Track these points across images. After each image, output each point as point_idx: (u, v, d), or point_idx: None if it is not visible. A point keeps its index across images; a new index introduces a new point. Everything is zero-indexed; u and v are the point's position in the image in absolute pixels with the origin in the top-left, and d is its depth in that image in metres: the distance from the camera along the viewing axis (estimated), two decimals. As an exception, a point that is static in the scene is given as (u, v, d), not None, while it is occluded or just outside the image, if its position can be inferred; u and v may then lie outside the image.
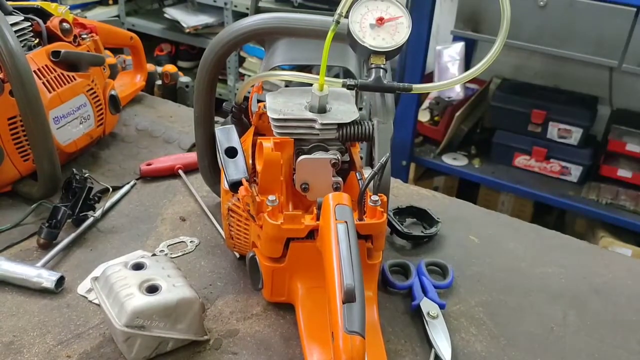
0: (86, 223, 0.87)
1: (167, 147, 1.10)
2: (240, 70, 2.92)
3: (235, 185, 0.70)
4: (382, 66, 0.72)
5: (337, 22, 0.71)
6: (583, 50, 1.93)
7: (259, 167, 0.72)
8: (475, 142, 2.47)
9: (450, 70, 2.56)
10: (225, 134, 0.74)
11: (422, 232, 0.88)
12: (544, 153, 2.28)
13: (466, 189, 2.67)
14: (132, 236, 0.86)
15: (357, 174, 0.74)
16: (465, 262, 0.85)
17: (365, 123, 0.75)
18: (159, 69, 1.47)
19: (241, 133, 0.84)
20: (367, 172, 0.78)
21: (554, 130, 2.25)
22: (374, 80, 0.71)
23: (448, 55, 2.55)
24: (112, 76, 1.32)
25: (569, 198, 2.22)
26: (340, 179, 0.74)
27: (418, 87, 0.74)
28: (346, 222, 0.62)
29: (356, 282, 0.56)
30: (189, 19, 2.90)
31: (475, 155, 2.44)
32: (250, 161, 0.75)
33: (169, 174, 1.01)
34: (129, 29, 3.05)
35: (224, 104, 0.85)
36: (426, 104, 2.54)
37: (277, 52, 0.87)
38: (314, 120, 0.74)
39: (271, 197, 0.68)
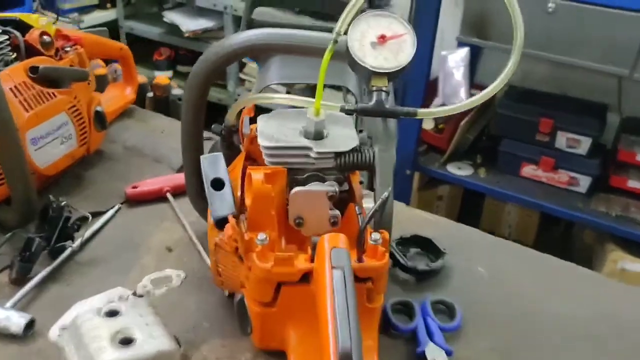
0: (63, 255, 0.80)
1: (156, 166, 1.04)
2: (241, 75, 2.86)
3: (221, 223, 0.63)
4: (383, 89, 0.65)
5: (335, 42, 0.64)
6: (592, 59, 1.86)
7: (248, 201, 0.65)
8: (481, 151, 2.40)
9: (455, 76, 2.50)
10: (211, 163, 0.67)
11: (427, 265, 0.82)
12: (552, 163, 2.21)
13: (471, 198, 2.60)
14: (114, 269, 0.80)
15: (356, 207, 0.67)
16: (473, 299, 0.78)
17: (365, 151, 0.69)
18: (157, 73, 1.41)
19: (231, 158, 0.77)
20: (369, 200, 0.72)
21: (562, 140, 2.18)
22: (375, 104, 0.65)
23: (453, 60, 2.49)
24: (101, 88, 1.26)
25: (577, 210, 2.15)
26: (337, 212, 0.68)
27: (423, 112, 0.67)
28: (343, 269, 0.55)
29: (353, 343, 0.49)
30: (189, 23, 2.84)
31: (481, 165, 2.37)
32: (239, 193, 0.69)
33: (157, 197, 0.95)
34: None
35: (212, 126, 0.79)
36: (430, 111, 2.47)
37: (272, 68, 0.80)
38: (309, 148, 0.67)
39: (261, 236, 0.62)
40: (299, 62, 0.77)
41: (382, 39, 0.66)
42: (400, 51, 0.66)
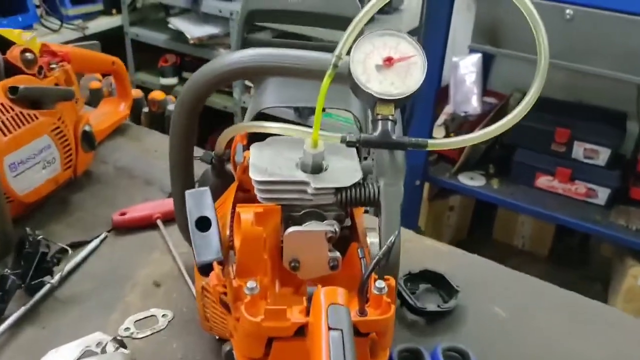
0: (40, 293, 0.74)
1: (147, 190, 0.97)
2: (247, 82, 2.79)
3: (204, 269, 0.56)
4: (389, 117, 0.58)
5: (335, 66, 0.57)
6: (611, 66, 1.78)
7: (237, 243, 0.58)
8: (493, 161, 2.32)
9: (466, 83, 2.42)
10: (196, 200, 0.60)
11: (438, 306, 0.74)
12: (569, 174, 2.13)
13: (483, 208, 2.52)
14: (95, 308, 0.74)
15: (359, 250, 0.60)
16: (489, 346, 0.70)
17: (369, 185, 0.61)
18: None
19: (224, 187, 0.71)
20: (374, 234, 0.65)
21: (579, 150, 2.10)
22: (380, 134, 0.58)
23: (465, 66, 2.41)
24: (96, 102, 1.20)
25: (595, 223, 2.06)
26: (338, 255, 0.60)
27: (434, 143, 0.60)
28: (341, 330, 0.48)
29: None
30: (194, 30, 2.78)
31: (494, 175, 2.29)
32: (228, 232, 0.62)
33: (147, 224, 0.88)
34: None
35: (202, 154, 0.72)
36: (441, 119, 2.39)
37: (268, 90, 0.73)
38: (305, 183, 0.60)
39: (250, 284, 0.54)
40: (298, 83, 0.70)
41: (389, 61, 0.59)
42: (408, 75, 0.59)
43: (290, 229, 0.59)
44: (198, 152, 0.74)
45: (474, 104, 2.39)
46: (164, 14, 3.06)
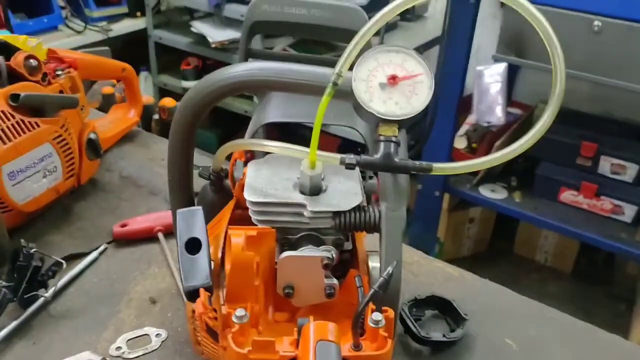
0: (33, 307, 0.72)
1: (151, 200, 0.95)
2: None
3: (191, 295, 0.53)
4: (393, 139, 0.55)
5: (335, 84, 0.54)
6: (640, 79, 1.71)
7: (227, 268, 0.55)
8: (516, 173, 2.25)
9: (491, 92, 2.36)
10: (187, 220, 0.57)
11: (444, 335, 0.70)
12: (594, 189, 2.06)
13: (504, 221, 2.46)
14: (87, 324, 0.71)
15: (356, 278, 0.56)
16: (497, 380, 0.66)
17: (370, 209, 0.58)
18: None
19: (222, 204, 0.68)
20: (376, 259, 0.61)
21: (605, 165, 2.03)
22: (382, 157, 0.54)
23: (489, 75, 2.35)
24: (107, 108, 1.19)
25: (620, 241, 1.98)
26: (334, 281, 0.57)
27: (440, 167, 0.56)
28: (329, 369, 0.45)
29: None
30: (216, 34, 2.77)
31: (516, 188, 2.22)
32: (220, 254, 0.59)
33: (147, 236, 0.86)
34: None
35: (200, 169, 0.70)
36: (463, 129, 2.34)
37: (271, 104, 0.71)
38: (302, 206, 0.57)
39: (239, 312, 0.51)
40: (303, 97, 0.67)
41: (394, 79, 0.55)
42: (414, 94, 0.55)
43: (285, 254, 0.56)
44: (206, 161, 0.71)
45: (498, 114, 2.33)
46: (187, 17, 3.06)
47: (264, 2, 0.69)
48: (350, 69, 0.56)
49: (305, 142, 0.56)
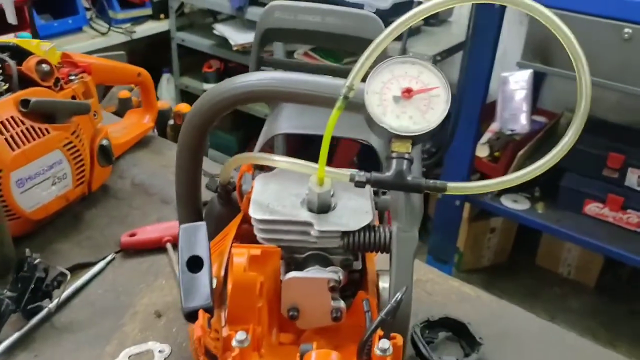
0: (36, 318, 0.70)
1: (162, 209, 0.93)
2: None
3: (190, 316, 0.51)
4: (406, 156, 0.52)
5: (346, 97, 0.51)
6: (672, 89, 1.65)
7: (229, 288, 0.53)
8: (540, 184, 2.19)
9: (515, 99, 2.30)
10: (189, 236, 0.55)
11: (457, 359, 0.67)
12: (621, 202, 1.99)
13: (526, 233, 2.40)
14: (90, 338, 0.70)
15: (364, 302, 0.54)
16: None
17: (380, 229, 0.55)
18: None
19: (230, 217, 0.66)
20: (387, 279, 0.58)
21: (633, 178, 1.96)
22: (394, 175, 0.52)
23: (515, 82, 2.29)
24: (124, 112, 1.18)
25: (647, 256, 1.92)
26: (341, 304, 0.54)
27: (455, 187, 0.53)
28: (330, 404, 0.42)
29: None
30: (238, 37, 2.77)
31: (540, 199, 2.17)
32: (223, 272, 0.57)
33: (156, 247, 0.85)
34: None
35: (207, 181, 0.68)
36: (485, 137, 2.29)
37: (283, 114, 0.69)
38: (309, 224, 0.55)
39: (240, 335, 0.49)
40: (315, 108, 0.64)
41: (408, 92, 0.52)
42: (429, 109, 0.52)
43: (290, 274, 0.53)
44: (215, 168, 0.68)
45: (522, 122, 2.26)
46: (210, 20, 3.07)
47: (277, 9, 0.67)
48: (364, 79, 0.53)
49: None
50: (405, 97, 0.52)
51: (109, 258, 0.82)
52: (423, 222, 0.56)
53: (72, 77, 0.89)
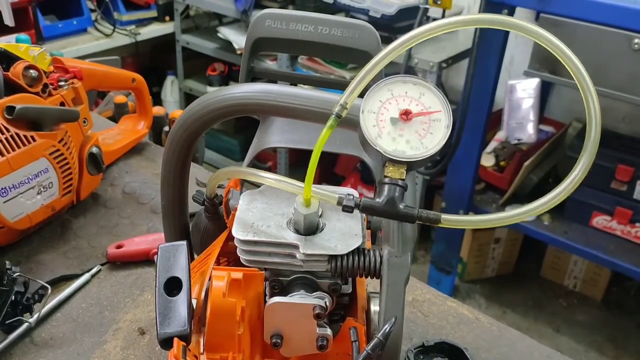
0: (15, 333, 0.68)
1: (152, 218, 0.91)
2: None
3: (165, 343, 0.48)
4: (399, 182, 0.48)
5: (339, 116, 0.48)
6: (682, 101, 1.61)
7: (207, 314, 0.50)
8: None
9: (522, 108, 2.27)
10: (168, 257, 0.52)
11: (451, 389, 0.64)
12: (629, 215, 1.95)
13: (532, 244, 2.36)
14: (70, 355, 0.67)
15: (351, 331, 0.50)
16: None
17: (370, 254, 0.52)
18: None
19: (217, 232, 0.63)
20: (378, 302, 0.55)
21: (642, 191, 1.92)
22: (385, 202, 0.48)
23: (522, 90, 2.25)
24: (118, 117, 1.15)
25: (656, 271, 1.88)
26: (328, 332, 0.51)
27: (449, 219, 0.49)
28: None
29: None
30: (242, 40, 2.75)
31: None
32: (204, 294, 0.54)
33: (143, 259, 0.82)
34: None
35: (194, 193, 0.65)
36: (491, 146, 2.25)
37: (273, 128, 0.66)
38: (294, 247, 0.51)
39: (217, 365, 0.46)
40: (307, 122, 0.61)
41: (407, 115, 0.49)
42: (428, 133, 0.49)
43: (273, 299, 0.50)
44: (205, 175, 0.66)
45: (529, 131, 2.23)
46: (216, 23, 3.05)
47: (268, 18, 0.64)
48: (361, 95, 0.50)
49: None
50: (404, 119, 0.49)
51: (94, 270, 0.79)
52: (426, 231, 0.53)
53: (62, 83, 0.86)
